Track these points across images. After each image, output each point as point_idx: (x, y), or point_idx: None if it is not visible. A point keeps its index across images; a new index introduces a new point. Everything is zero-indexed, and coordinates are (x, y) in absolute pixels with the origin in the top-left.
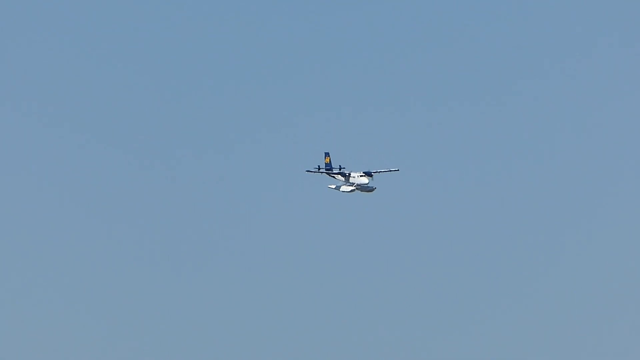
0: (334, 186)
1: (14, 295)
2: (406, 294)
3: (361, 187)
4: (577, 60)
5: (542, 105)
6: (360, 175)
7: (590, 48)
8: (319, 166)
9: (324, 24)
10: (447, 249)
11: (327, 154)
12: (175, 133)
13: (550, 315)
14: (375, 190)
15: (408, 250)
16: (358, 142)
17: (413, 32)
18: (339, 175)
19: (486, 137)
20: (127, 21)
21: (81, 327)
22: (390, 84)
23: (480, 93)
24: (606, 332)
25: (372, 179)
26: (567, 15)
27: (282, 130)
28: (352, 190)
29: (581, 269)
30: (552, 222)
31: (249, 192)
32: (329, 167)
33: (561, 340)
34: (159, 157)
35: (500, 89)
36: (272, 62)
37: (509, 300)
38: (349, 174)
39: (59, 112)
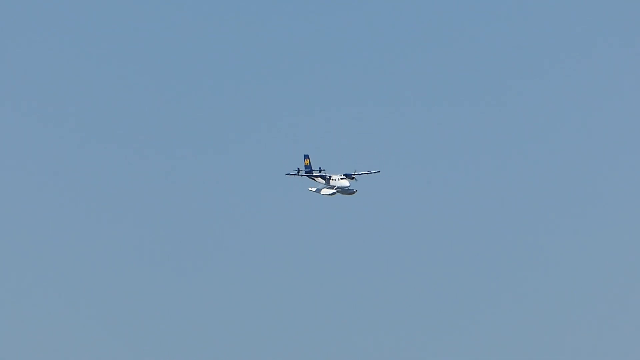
0: (314, 189)
1: (14, 295)
2: (388, 295)
3: (342, 190)
4: (577, 60)
5: (542, 105)
6: (341, 178)
7: (590, 48)
8: (298, 169)
9: (324, 24)
10: (430, 250)
11: (306, 156)
12: (175, 133)
13: (549, 315)
14: (356, 192)
15: (389, 252)
16: (337, 143)
17: (413, 32)
18: (320, 178)
19: (486, 137)
20: (127, 21)
21: (81, 327)
22: (388, 84)
23: (480, 93)
24: (605, 332)
25: (354, 181)
26: (567, 15)
27: (261, 131)
28: (332, 194)
29: (579, 268)
30: (550, 221)
31: (230, 194)
32: (308, 170)
33: (561, 340)
34: (159, 157)
35: (500, 89)
36: (272, 62)
37: (498, 298)
38: (330, 177)
39: (59, 112)
